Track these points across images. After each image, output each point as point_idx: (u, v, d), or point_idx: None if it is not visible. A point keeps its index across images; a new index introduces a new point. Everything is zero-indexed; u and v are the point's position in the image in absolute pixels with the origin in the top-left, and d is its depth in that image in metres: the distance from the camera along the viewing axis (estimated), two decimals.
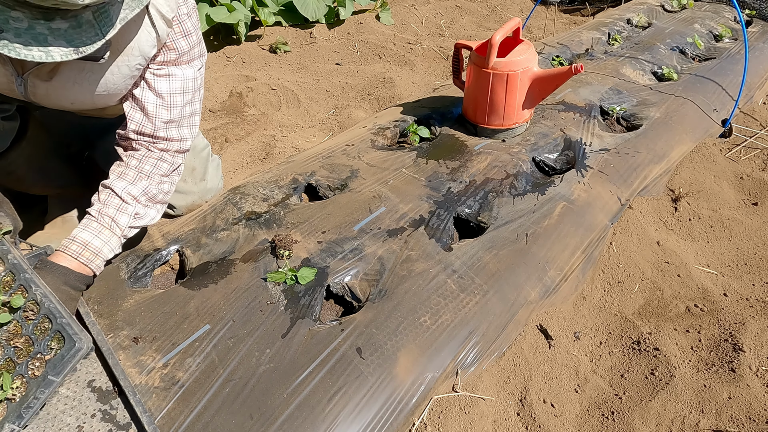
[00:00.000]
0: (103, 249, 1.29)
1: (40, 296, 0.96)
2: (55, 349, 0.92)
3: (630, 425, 1.27)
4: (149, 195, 1.38)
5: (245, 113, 2.56)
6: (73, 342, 0.90)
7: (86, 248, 1.26)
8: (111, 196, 1.33)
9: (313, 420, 1.15)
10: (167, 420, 1.12)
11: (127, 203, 1.33)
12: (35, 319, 0.94)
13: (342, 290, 1.48)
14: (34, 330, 0.93)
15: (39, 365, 0.91)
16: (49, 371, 0.89)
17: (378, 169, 1.93)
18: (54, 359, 0.90)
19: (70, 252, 1.24)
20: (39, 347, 0.91)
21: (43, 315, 0.94)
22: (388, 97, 2.70)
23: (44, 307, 0.95)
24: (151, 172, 1.38)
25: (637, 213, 1.89)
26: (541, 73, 1.98)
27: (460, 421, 1.26)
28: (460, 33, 3.74)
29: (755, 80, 2.74)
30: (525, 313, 1.51)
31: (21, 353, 0.92)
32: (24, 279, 0.98)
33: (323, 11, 3.42)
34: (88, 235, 1.27)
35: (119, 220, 1.32)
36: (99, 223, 1.30)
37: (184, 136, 1.43)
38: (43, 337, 0.93)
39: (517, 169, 1.95)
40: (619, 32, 3.28)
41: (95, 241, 1.27)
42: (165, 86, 1.34)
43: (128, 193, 1.34)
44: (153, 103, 1.34)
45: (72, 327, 0.93)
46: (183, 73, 1.36)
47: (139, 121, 1.35)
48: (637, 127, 2.27)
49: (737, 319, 1.49)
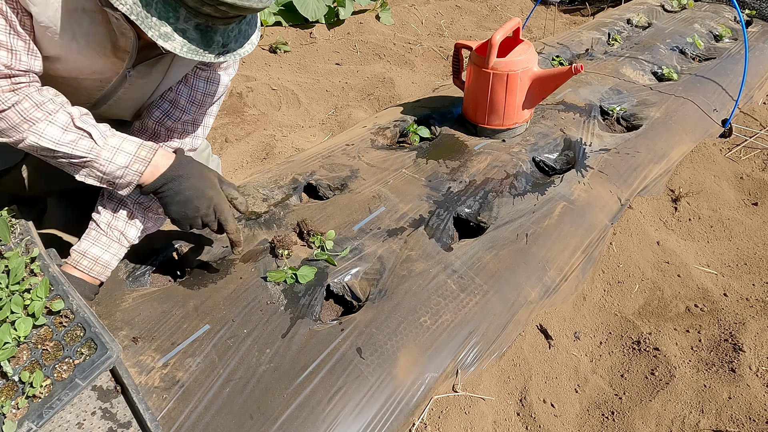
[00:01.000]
0: (111, 261, 1.32)
1: (75, 306, 0.99)
2: (85, 355, 0.94)
3: (630, 425, 1.27)
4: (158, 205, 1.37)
5: (245, 113, 2.56)
6: (105, 349, 0.93)
7: (97, 263, 1.29)
8: (120, 205, 1.32)
9: (313, 420, 1.15)
10: (167, 420, 1.12)
11: (136, 216, 1.34)
12: (68, 326, 0.97)
13: (342, 290, 1.48)
14: (64, 336, 0.96)
15: (66, 368, 0.93)
16: (77, 374, 0.91)
17: (378, 169, 1.93)
18: (84, 364, 0.92)
19: (82, 267, 1.27)
20: (68, 352, 0.93)
21: (76, 323, 0.97)
22: (388, 97, 2.70)
23: (79, 316, 0.98)
24: None
25: (637, 213, 1.89)
26: (541, 73, 1.98)
27: (460, 421, 1.26)
28: (460, 33, 3.74)
29: (755, 80, 2.74)
30: (525, 313, 1.51)
31: (48, 356, 0.94)
32: (62, 290, 1.01)
33: (323, 11, 3.42)
34: (98, 250, 1.29)
35: (128, 234, 1.33)
36: (108, 237, 1.31)
37: (197, 134, 1.44)
38: (73, 343, 0.95)
39: (517, 169, 1.95)
40: (619, 32, 3.28)
41: (105, 255, 1.30)
42: (203, 86, 1.35)
43: (140, 204, 1.34)
44: (186, 97, 1.35)
45: (104, 336, 0.95)
46: (221, 78, 1.37)
47: (167, 110, 1.35)
48: (637, 127, 2.27)
49: (737, 319, 1.49)
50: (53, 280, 1.06)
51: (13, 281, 0.98)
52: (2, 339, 0.91)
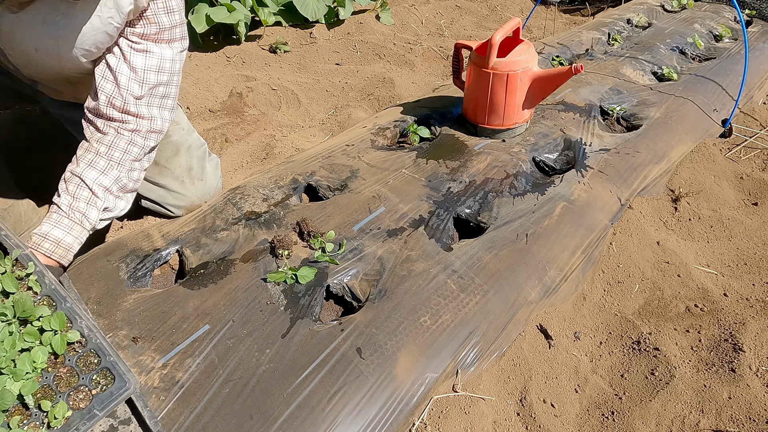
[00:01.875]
0: (73, 245, 1.30)
1: (86, 330, 0.97)
2: (102, 385, 0.92)
3: (630, 425, 1.27)
4: (120, 185, 1.37)
5: (245, 113, 2.56)
6: (123, 381, 0.91)
7: (59, 246, 1.26)
8: (81, 187, 1.31)
9: (313, 420, 1.15)
10: (167, 420, 1.12)
11: (98, 196, 1.32)
12: (80, 352, 0.95)
13: (342, 290, 1.48)
14: (78, 362, 0.94)
15: (83, 397, 0.91)
16: (95, 405, 0.89)
17: (378, 169, 1.93)
18: (102, 395, 0.91)
19: (44, 250, 1.25)
20: (83, 380, 0.92)
21: (89, 349, 0.95)
22: (388, 97, 2.70)
23: (92, 342, 0.96)
24: (122, 158, 1.36)
25: (637, 213, 1.89)
26: (541, 73, 1.98)
27: (460, 421, 1.26)
28: (460, 33, 3.74)
29: (755, 80, 2.74)
30: (525, 313, 1.51)
31: (62, 383, 0.92)
32: (67, 309, 0.98)
33: (323, 11, 3.42)
34: (60, 232, 1.27)
35: (89, 215, 1.31)
36: (70, 219, 1.29)
37: (154, 115, 1.40)
38: (88, 371, 0.93)
39: (517, 169, 1.95)
40: (619, 32, 3.28)
41: (67, 238, 1.28)
42: (141, 61, 1.33)
43: (100, 185, 1.32)
44: (126, 75, 1.32)
45: (121, 366, 0.94)
46: (161, 51, 1.34)
47: (110, 92, 1.33)
48: (637, 127, 2.27)
49: (737, 319, 1.49)
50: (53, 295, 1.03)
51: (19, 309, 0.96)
52: (23, 370, 0.90)
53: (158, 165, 1.68)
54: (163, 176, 1.68)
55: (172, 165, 1.69)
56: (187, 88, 2.68)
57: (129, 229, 1.76)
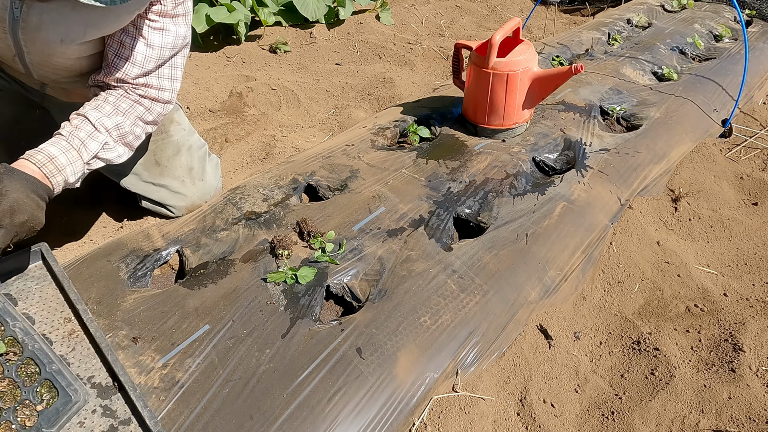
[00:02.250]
0: (66, 168, 1.22)
1: (20, 335, 0.86)
2: (46, 399, 0.83)
3: (630, 425, 1.27)
4: (121, 131, 1.35)
5: (245, 113, 2.56)
6: (68, 396, 0.82)
7: (51, 161, 1.20)
8: (84, 122, 1.30)
9: (313, 420, 1.15)
10: (167, 420, 1.12)
11: (99, 132, 1.31)
12: (18, 361, 0.85)
13: (342, 290, 1.48)
14: (18, 372, 0.84)
15: (29, 414, 0.82)
16: (42, 424, 0.81)
17: (378, 169, 1.93)
18: (48, 411, 0.82)
19: (35, 161, 1.18)
20: (27, 394, 0.82)
21: (26, 357, 0.85)
22: (388, 97, 2.70)
23: (27, 350, 0.86)
24: (127, 110, 1.37)
25: (637, 213, 1.89)
26: (541, 73, 1.98)
27: (460, 421, 1.26)
28: (460, 33, 3.74)
29: (755, 80, 2.74)
30: (525, 313, 1.51)
31: (6, 397, 0.83)
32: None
33: (323, 11, 3.42)
34: (55, 150, 1.22)
35: (89, 145, 1.28)
36: (68, 142, 1.26)
37: (164, 86, 1.42)
38: (30, 383, 0.84)
39: (517, 169, 1.95)
40: (619, 32, 3.28)
41: (62, 157, 1.22)
42: (158, 39, 1.35)
43: (101, 124, 1.31)
44: (143, 54, 1.34)
45: (65, 376, 0.84)
46: (176, 29, 1.37)
47: (125, 69, 1.34)
48: (637, 127, 2.27)
49: (737, 319, 1.49)
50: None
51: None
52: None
53: (159, 165, 1.68)
54: (164, 176, 1.69)
55: (172, 165, 1.69)
56: (187, 88, 2.68)
57: (129, 229, 1.76)
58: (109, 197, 1.89)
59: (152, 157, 1.66)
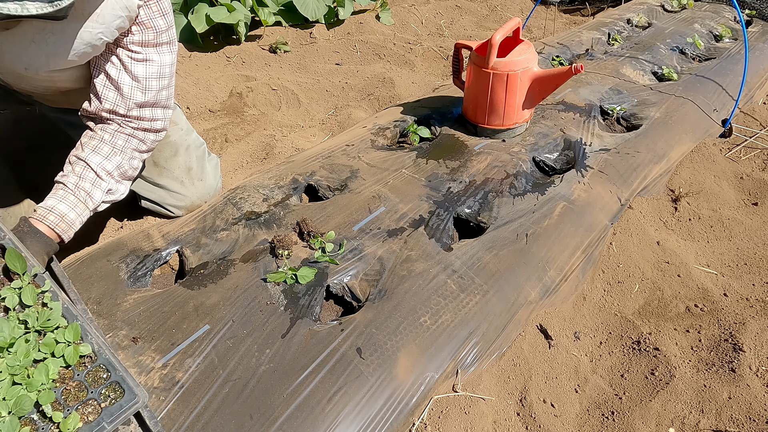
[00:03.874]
0: (76, 221, 1.32)
1: (96, 346, 0.97)
2: (111, 398, 0.92)
3: (630, 425, 1.27)
4: (121, 171, 1.41)
5: (245, 113, 2.56)
6: (133, 394, 0.92)
7: (63, 220, 1.29)
8: (86, 169, 1.35)
9: (313, 420, 1.15)
10: (167, 420, 1.12)
11: (102, 179, 1.36)
12: (90, 367, 0.95)
13: (342, 290, 1.48)
14: (86, 376, 0.94)
15: (92, 411, 0.91)
16: (104, 418, 0.89)
17: (378, 169, 1.93)
18: (112, 408, 0.91)
19: (48, 222, 1.27)
20: (92, 394, 0.92)
21: (99, 364, 0.96)
22: (388, 97, 2.70)
23: (102, 358, 0.96)
24: (124, 146, 1.40)
25: (637, 213, 1.89)
26: (541, 73, 1.98)
27: (460, 421, 1.26)
28: (460, 33, 3.74)
29: (755, 80, 2.74)
30: (525, 313, 1.51)
31: (71, 397, 0.92)
32: (81, 328, 0.99)
33: (323, 11, 3.42)
34: (65, 207, 1.30)
35: (94, 195, 1.35)
36: (75, 196, 1.32)
37: (156, 116, 1.45)
38: (96, 385, 0.93)
39: (517, 169, 1.95)
40: (619, 32, 3.28)
41: (71, 213, 1.30)
42: (142, 70, 1.35)
43: (103, 169, 1.36)
44: (129, 85, 1.35)
45: (129, 381, 0.94)
46: (161, 58, 1.37)
47: (113, 100, 1.36)
48: (637, 127, 2.27)
49: (737, 319, 1.49)
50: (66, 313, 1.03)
51: (42, 319, 0.96)
52: (39, 380, 0.89)
53: (157, 166, 1.68)
54: (163, 177, 1.68)
55: (171, 165, 1.69)
56: (187, 88, 2.68)
57: (129, 229, 1.76)
58: None
59: (150, 158, 1.66)
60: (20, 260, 1.01)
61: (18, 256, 1.01)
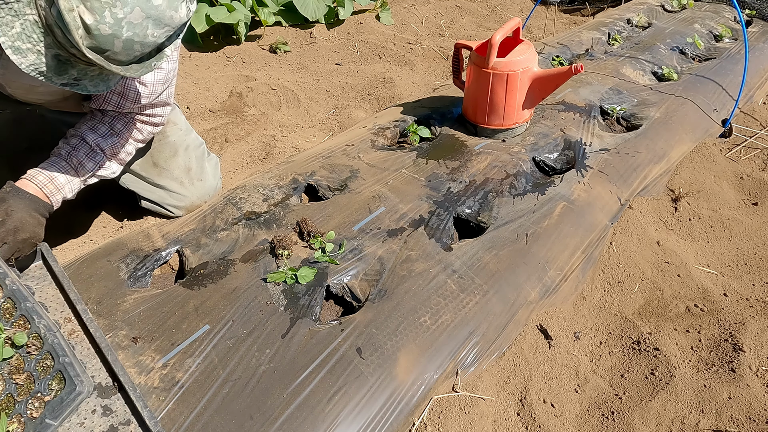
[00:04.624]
0: (65, 187, 1.33)
1: (43, 330, 0.93)
2: (55, 390, 0.88)
3: (630, 425, 1.27)
4: (115, 150, 1.44)
5: (245, 113, 2.56)
6: (73, 385, 0.87)
7: (52, 182, 1.30)
8: (81, 142, 1.38)
9: (313, 420, 1.15)
10: (167, 420, 1.12)
11: (96, 152, 1.39)
12: (38, 355, 0.91)
13: (342, 290, 1.48)
14: (36, 366, 0.90)
15: (38, 405, 0.87)
16: (47, 414, 0.85)
17: (378, 169, 1.93)
18: (53, 402, 0.86)
19: (36, 182, 1.28)
20: (39, 386, 0.87)
21: (45, 351, 0.91)
22: (388, 97, 2.70)
23: (47, 343, 0.92)
24: (122, 131, 1.44)
25: (637, 213, 1.89)
26: (541, 73, 1.98)
27: (460, 421, 1.26)
28: (460, 33, 3.74)
29: (755, 80, 2.74)
30: (525, 313, 1.51)
31: (22, 390, 0.88)
32: (25, 309, 0.94)
33: (323, 11, 3.42)
34: (55, 170, 1.32)
35: (86, 165, 1.38)
36: (67, 162, 1.35)
37: (156, 113, 1.49)
38: (44, 375, 0.89)
39: (517, 169, 1.95)
40: (619, 32, 3.28)
41: (60, 177, 1.32)
42: (150, 77, 1.38)
43: (98, 145, 1.40)
44: (135, 90, 1.38)
45: (74, 368, 0.89)
46: (168, 65, 1.40)
47: (117, 103, 1.39)
48: (637, 127, 2.27)
49: (737, 319, 1.49)
50: (14, 295, 0.98)
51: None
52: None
53: (157, 166, 1.68)
54: (162, 177, 1.68)
55: (170, 166, 1.69)
56: (187, 88, 2.68)
57: (129, 229, 1.76)
58: (109, 197, 1.89)
59: (150, 158, 1.67)
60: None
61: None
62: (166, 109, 1.51)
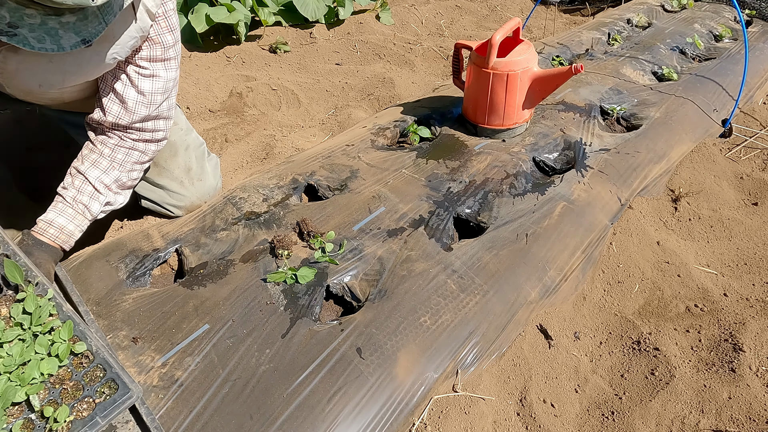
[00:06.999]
0: (75, 231, 1.38)
1: (95, 347, 1.00)
2: (106, 394, 0.95)
3: (630, 425, 1.27)
4: (120, 183, 1.45)
5: (245, 113, 2.56)
6: (127, 389, 0.94)
7: (62, 232, 1.35)
8: (85, 183, 1.39)
9: (313, 420, 1.15)
10: (166, 419, 1.12)
11: (100, 192, 1.41)
12: (87, 367, 0.98)
13: (342, 290, 1.48)
14: (84, 377, 0.97)
15: (87, 407, 0.93)
16: (98, 412, 0.91)
17: (378, 169, 1.93)
18: (105, 402, 0.93)
19: (49, 236, 1.33)
20: (88, 391, 0.94)
21: (96, 364, 0.98)
22: (388, 97, 2.70)
23: (99, 357, 0.99)
24: (124, 160, 1.44)
25: (637, 213, 1.89)
26: (541, 73, 1.98)
27: (460, 421, 1.26)
28: (460, 33, 3.74)
29: (755, 80, 2.74)
30: (525, 313, 1.51)
31: (67, 396, 0.94)
32: (79, 331, 1.03)
33: (323, 11, 3.42)
34: (64, 220, 1.35)
35: (92, 207, 1.40)
36: (73, 209, 1.37)
37: (158, 127, 1.48)
38: (93, 384, 0.96)
39: (517, 169, 1.95)
40: (619, 32, 3.28)
41: (70, 225, 1.36)
42: (148, 86, 1.38)
43: (101, 182, 1.41)
44: (134, 99, 1.38)
45: (126, 376, 0.97)
46: (167, 74, 1.40)
47: (117, 113, 1.39)
48: (637, 127, 2.27)
49: (737, 319, 1.49)
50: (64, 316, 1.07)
51: (36, 322, 1.00)
52: (30, 375, 0.93)
53: (157, 166, 1.68)
54: (162, 177, 1.68)
55: (170, 166, 1.69)
56: (187, 88, 2.68)
57: (129, 229, 1.76)
58: None
59: None
60: (18, 270, 1.04)
61: (15, 267, 1.04)
62: (168, 122, 1.50)
